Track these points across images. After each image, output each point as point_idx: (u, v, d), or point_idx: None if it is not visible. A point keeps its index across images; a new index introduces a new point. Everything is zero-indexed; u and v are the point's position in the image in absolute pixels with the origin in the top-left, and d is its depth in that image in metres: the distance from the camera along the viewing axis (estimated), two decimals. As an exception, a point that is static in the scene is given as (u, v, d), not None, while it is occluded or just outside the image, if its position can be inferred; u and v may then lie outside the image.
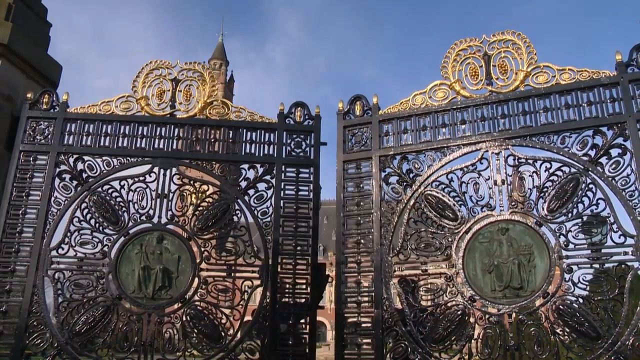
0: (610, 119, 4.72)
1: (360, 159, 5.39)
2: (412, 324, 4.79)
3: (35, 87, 5.58)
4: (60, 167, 4.99)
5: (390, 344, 4.83)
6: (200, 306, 4.81)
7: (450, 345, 4.72)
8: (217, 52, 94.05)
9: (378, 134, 5.41)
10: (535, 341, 4.43)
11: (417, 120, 5.34)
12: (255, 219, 5.05)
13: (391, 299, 4.96)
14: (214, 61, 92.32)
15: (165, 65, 5.25)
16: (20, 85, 5.44)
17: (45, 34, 5.95)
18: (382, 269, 5.01)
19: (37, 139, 5.08)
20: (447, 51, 5.43)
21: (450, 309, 4.77)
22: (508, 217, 4.79)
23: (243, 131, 5.30)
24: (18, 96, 5.33)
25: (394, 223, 5.10)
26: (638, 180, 4.47)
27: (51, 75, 5.84)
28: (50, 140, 5.08)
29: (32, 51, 5.53)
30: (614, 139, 4.68)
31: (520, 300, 4.55)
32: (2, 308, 4.53)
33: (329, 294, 72.77)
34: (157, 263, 4.72)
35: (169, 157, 5.04)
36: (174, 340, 4.70)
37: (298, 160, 5.32)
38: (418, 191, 5.09)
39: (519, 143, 4.94)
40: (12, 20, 5.30)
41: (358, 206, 5.30)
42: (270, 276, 4.93)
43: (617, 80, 4.76)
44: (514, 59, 5.19)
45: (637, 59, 4.78)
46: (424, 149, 5.23)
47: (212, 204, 5.05)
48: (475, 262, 4.77)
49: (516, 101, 5.07)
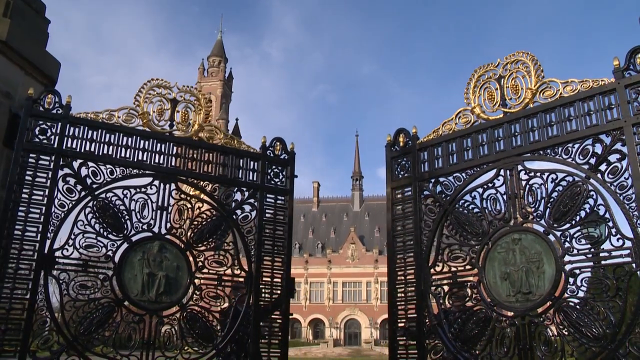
0: (608, 126, 4.77)
1: (404, 185, 6.13)
2: (446, 327, 5.40)
3: (34, 83, 5.55)
4: (64, 169, 5.11)
5: (430, 345, 5.50)
6: (195, 310, 5.43)
7: (475, 346, 5.22)
8: (216, 49, 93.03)
9: (416, 161, 6.06)
10: (543, 342, 4.76)
11: (446, 146, 5.88)
12: (241, 236, 5.72)
13: (430, 306, 5.60)
14: (213, 58, 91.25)
15: (165, 85, 5.72)
16: (18, 81, 5.41)
17: (43, 31, 5.92)
18: (422, 280, 5.67)
19: (40, 138, 5.09)
20: (469, 78, 5.84)
21: (475, 313, 5.28)
22: (520, 228, 5.14)
23: (232, 157, 5.97)
24: (17, 93, 5.31)
25: (431, 239, 5.72)
26: (635, 184, 4.49)
27: (50, 72, 5.81)
28: (53, 142, 5.12)
29: (31, 48, 5.51)
30: (613, 145, 4.72)
31: (530, 304, 4.88)
32: (7, 305, 4.57)
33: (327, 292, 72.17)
34: (159, 270, 5.23)
35: (169, 173, 5.54)
36: (172, 339, 5.27)
37: (277, 188, 6.07)
38: (448, 210, 5.65)
39: (529, 158, 5.23)
40: (11, 17, 5.29)
41: (403, 227, 6.01)
42: (254, 286, 5.60)
43: (614, 86, 4.77)
44: (524, 77, 5.43)
45: (633, 63, 4.71)
46: (451, 171, 5.75)
47: (207, 220, 5.65)
48: (494, 271, 5.20)
49: (526, 118, 5.33)
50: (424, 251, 5.76)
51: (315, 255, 73.63)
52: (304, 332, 70.61)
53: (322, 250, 74.61)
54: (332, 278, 71.86)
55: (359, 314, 69.75)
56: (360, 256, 71.86)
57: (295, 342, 67.70)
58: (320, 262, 72.72)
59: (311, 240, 76.19)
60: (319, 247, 74.45)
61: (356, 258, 71.89)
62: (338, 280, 71.85)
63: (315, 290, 72.41)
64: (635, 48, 4.74)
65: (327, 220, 79.82)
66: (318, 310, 70.84)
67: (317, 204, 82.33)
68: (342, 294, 71.45)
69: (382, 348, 63.23)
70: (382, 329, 69.63)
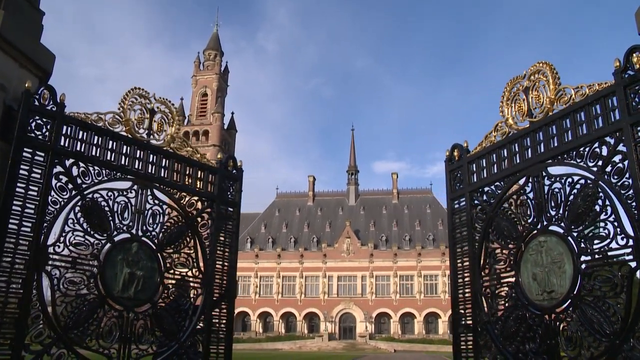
0: (611, 128, 4.89)
1: (459, 196, 6.72)
2: (493, 325, 5.87)
3: (29, 76, 5.50)
4: (57, 167, 5.18)
5: (483, 342, 6.02)
6: (163, 307, 5.84)
7: (515, 342, 5.57)
8: (211, 42, 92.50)
9: (467, 173, 6.61)
10: (566, 337, 5.03)
11: (488, 157, 6.33)
12: (201, 242, 6.26)
13: (482, 306, 6.11)
14: (209, 52, 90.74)
15: (145, 95, 6.08)
16: (13, 74, 5.36)
17: (38, 22, 5.87)
18: (475, 283, 6.21)
19: (36, 134, 5.10)
20: (502, 92, 6.19)
21: (514, 312, 5.66)
22: (545, 231, 5.44)
23: (196, 169, 6.49)
24: (11, 85, 5.26)
25: (480, 245, 6.24)
26: (634, 184, 4.60)
27: (45, 64, 5.75)
28: (48, 138, 5.15)
29: (25, 39, 5.45)
30: (616, 147, 4.84)
31: (554, 302, 5.17)
32: (4, 300, 4.60)
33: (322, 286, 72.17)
34: (137, 269, 5.60)
35: (146, 179, 5.91)
36: (145, 334, 5.63)
37: (229, 201, 6.65)
38: (492, 217, 6.10)
39: (551, 164, 5.51)
40: (4, 8, 5.23)
41: (460, 235, 6.59)
42: (208, 287, 6.22)
43: (615, 88, 4.89)
44: (544, 87, 5.66)
45: (630, 63, 4.77)
46: (493, 180, 6.20)
47: (174, 225, 6.11)
48: (528, 271, 5.54)
49: (546, 126, 5.56)
50: (475, 256, 6.28)
51: (311, 250, 73.79)
52: (299, 326, 70.87)
53: (318, 245, 74.78)
54: (327, 272, 72.06)
55: (354, 308, 70.03)
56: (355, 250, 72.08)
57: (290, 336, 67.98)
58: (315, 256, 72.91)
59: (306, 234, 76.33)
60: (314, 241, 74.61)
61: (351, 252, 72.12)
62: (333, 275, 72.08)
63: (311, 284, 72.63)
64: (632, 48, 4.79)
65: (322, 215, 79.95)
66: (313, 304, 71.07)
67: (313, 198, 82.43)
68: (337, 288, 71.69)
69: (377, 342, 63.59)
70: (377, 323, 69.99)
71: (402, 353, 52.81)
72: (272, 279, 73.11)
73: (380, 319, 70.09)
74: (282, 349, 59.53)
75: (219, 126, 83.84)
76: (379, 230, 75.08)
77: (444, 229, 73.52)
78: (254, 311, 71.93)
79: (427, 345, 60.44)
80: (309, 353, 50.03)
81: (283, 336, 67.82)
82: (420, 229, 73.89)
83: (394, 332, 68.03)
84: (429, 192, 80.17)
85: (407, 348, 59.37)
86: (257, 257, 73.49)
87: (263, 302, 72.25)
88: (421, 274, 69.76)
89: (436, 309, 68.16)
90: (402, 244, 72.21)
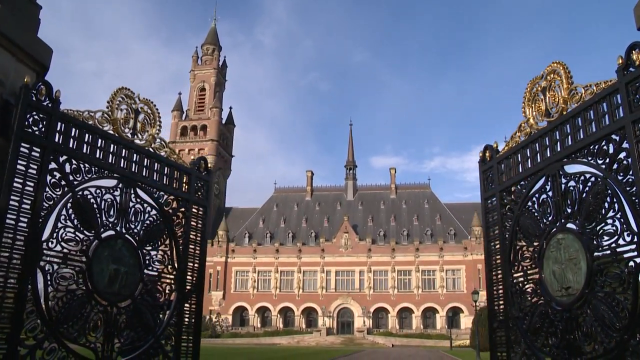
0: (615, 125, 4.94)
1: (491, 196, 6.93)
2: (521, 320, 6.04)
3: (27, 70, 5.47)
4: (51, 163, 5.23)
5: (513, 338, 6.21)
6: (142, 303, 5.96)
7: (540, 336, 5.73)
8: (209, 37, 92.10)
9: (496, 173, 6.82)
10: (582, 333, 5.13)
11: (514, 157, 6.50)
12: (175, 240, 6.52)
13: (512, 302, 6.28)
14: (207, 46, 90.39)
15: (130, 95, 6.18)
16: (10, 68, 5.33)
17: (35, 16, 5.81)
18: (505, 279, 6.40)
19: (33, 129, 5.12)
20: (524, 92, 6.29)
21: (537, 308, 5.81)
22: (563, 228, 5.53)
23: (173, 169, 6.67)
24: (7, 79, 5.24)
25: (510, 243, 6.42)
26: (636, 180, 4.65)
27: (42, 58, 5.69)
28: (45, 134, 5.17)
29: (22, 33, 5.41)
30: (621, 144, 4.90)
31: (571, 298, 5.28)
32: (2, 294, 4.62)
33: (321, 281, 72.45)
34: (121, 265, 5.75)
35: (130, 178, 6.04)
36: (126, 328, 5.76)
37: (199, 201, 6.97)
38: (518, 215, 6.27)
39: (567, 162, 5.60)
40: (0, 1, 5.21)
41: (493, 233, 6.81)
42: (181, 283, 6.53)
43: (618, 85, 4.92)
44: (559, 86, 5.75)
45: (631, 60, 4.79)
46: (518, 180, 6.36)
47: (153, 223, 6.26)
48: (549, 268, 5.66)
49: (561, 125, 5.67)
50: (506, 253, 6.46)
51: (309, 244, 73.88)
52: (297, 321, 71.03)
53: (316, 240, 74.86)
54: (325, 267, 72.18)
55: (351, 302, 70.20)
56: (353, 245, 72.19)
57: (288, 331, 68.11)
58: (313, 251, 73.01)
59: (304, 229, 76.42)
60: (313, 236, 74.70)
61: (349, 247, 72.23)
62: (331, 269, 72.20)
63: (309, 279, 72.76)
64: (632, 45, 4.80)
65: (320, 210, 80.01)
66: (311, 299, 71.21)
67: (311, 193, 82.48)
68: (335, 283, 71.84)
69: (375, 337, 63.78)
70: (375, 318, 70.17)
71: (399, 348, 52.94)
72: (270, 273, 73.19)
73: (378, 314, 70.28)
74: (280, 343, 59.64)
75: (217, 121, 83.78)
76: (377, 225, 75.17)
77: (442, 224, 73.73)
78: (252, 306, 72.07)
79: (424, 340, 60.66)
80: (307, 348, 50.12)
81: (281, 331, 67.96)
82: (418, 224, 74.00)
83: (391, 327, 68.25)
84: (427, 187, 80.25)
85: (405, 343, 59.55)
86: (255, 252, 73.54)
87: (261, 296, 72.36)
88: (419, 269, 69.91)
89: (434, 304, 68.35)
90: (400, 239, 72.33)
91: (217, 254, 73.36)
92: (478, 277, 66.75)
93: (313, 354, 32.62)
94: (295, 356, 29.29)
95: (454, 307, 67.49)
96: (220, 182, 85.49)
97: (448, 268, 69.72)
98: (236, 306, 72.57)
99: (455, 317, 67.44)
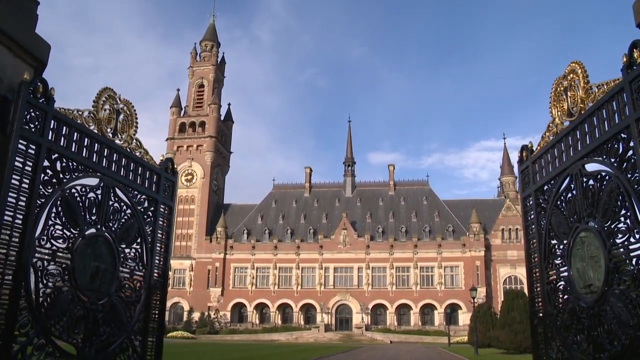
0: (623, 124, 4.97)
1: (528, 195, 7.09)
2: (555, 317, 6.20)
3: (25, 66, 5.46)
4: (45, 161, 5.29)
5: (549, 333, 6.40)
6: (116, 299, 6.14)
7: (570, 333, 5.84)
8: (208, 33, 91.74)
9: (532, 173, 6.99)
10: (603, 329, 5.22)
11: (545, 157, 6.64)
12: (145, 238, 6.75)
13: (548, 299, 6.44)
14: (206, 42, 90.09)
15: (113, 96, 6.36)
16: (7, 64, 5.16)
17: (32, 12, 5.78)
18: (542, 277, 6.56)
19: (29, 126, 5.13)
20: (550, 92, 6.41)
21: (567, 305, 5.94)
22: (585, 227, 5.59)
23: (145, 169, 6.92)
24: (5, 75, 5.23)
25: (545, 242, 6.54)
26: None
27: (40, 54, 5.66)
28: (41, 132, 5.20)
29: (20, 29, 5.39)
30: (629, 142, 4.93)
31: (592, 296, 5.37)
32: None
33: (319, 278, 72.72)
34: (101, 262, 5.90)
35: (110, 177, 6.20)
36: (103, 324, 5.88)
37: (166, 200, 7.31)
38: (549, 214, 6.40)
39: (586, 161, 5.66)
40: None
41: (530, 232, 6.97)
42: (149, 281, 6.77)
43: (623, 84, 4.94)
44: (577, 86, 5.83)
45: (633, 57, 4.80)
46: (549, 179, 6.48)
47: (128, 222, 6.49)
48: (576, 266, 5.76)
49: (580, 125, 5.73)
50: (542, 252, 6.60)
51: (307, 241, 73.90)
52: (295, 317, 71.11)
53: (314, 236, 74.87)
54: (323, 263, 72.21)
55: (350, 299, 70.27)
56: (351, 242, 72.23)
57: (286, 327, 68.20)
58: (312, 247, 73.03)
59: (303, 225, 76.44)
60: (311, 233, 74.72)
61: (348, 244, 72.26)
62: (329, 266, 72.25)
63: (307, 276, 72.79)
64: (633, 43, 4.81)
65: (319, 206, 80.00)
66: (309, 296, 71.26)
67: (309, 190, 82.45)
68: (334, 280, 71.88)
69: (373, 333, 63.88)
70: (373, 314, 70.27)
71: (398, 344, 53.05)
72: (269, 270, 73.23)
73: (376, 311, 70.37)
74: (279, 340, 59.74)
75: (215, 117, 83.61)
76: (375, 222, 75.20)
77: (440, 220, 73.81)
78: (251, 302, 72.13)
79: (423, 337, 60.81)
80: (305, 344, 50.20)
81: (279, 327, 68.04)
82: (416, 221, 74.06)
83: (390, 323, 68.36)
84: (425, 184, 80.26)
85: (403, 339, 59.70)
86: (254, 248, 73.55)
87: (260, 293, 72.41)
88: (417, 265, 69.98)
89: (432, 300, 68.45)
90: (399, 236, 72.39)
91: (216, 250, 73.55)
92: (476, 274, 66.97)
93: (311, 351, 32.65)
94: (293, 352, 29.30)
95: (452, 303, 67.59)
96: (219, 178, 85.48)
97: (446, 265, 69.78)
98: (235, 302, 72.61)
99: (454, 313, 67.53)
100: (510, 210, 71.45)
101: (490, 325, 34.82)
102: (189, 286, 75.84)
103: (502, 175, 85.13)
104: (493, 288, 68.18)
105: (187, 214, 79.09)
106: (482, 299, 60.95)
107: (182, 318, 73.07)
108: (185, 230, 78.47)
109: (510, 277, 68.82)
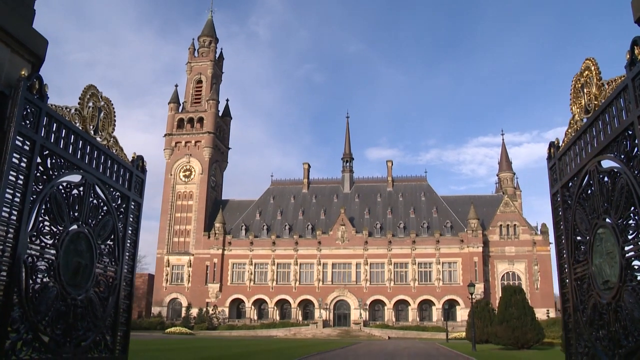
0: (627, 121, 4.95)
1: (557, 192, 7.10)
2: (581, 312, 6.26)
3: (21, 62, 5.41)
4: (38, 158, 5.30)
5: (576, 330, 6.49)
6: (92, 295, 6.26)
7: (593, 327, 5.91)
8: (206, 29, 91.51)
9: (558, 170, 7.04)
10: (620, 325, 5.25)
11: (568, 154, 6.68)
12: (117, 234, 6.88)
13: (575, 295, 6.51)
14: (204, 38, 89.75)
15: (96, 94, 6.46)
16: (4, 58, 5.26)
17: (30, 7, 5.75)
18: (570, 273, 6.58)
19: (25, 123, 5.08)
20: (570, 90, 6.42)
21: (590, 300, 5.99)
22: (602, 223, 5.61)
23: (120, 166, 7.04)
24: (2, 70, 5.18)
25: (571, 238, 6.57)
26: None
27: (37, 50, 5.64)
28: (36, 128, 5.21)
29: (17, 24, 5.33)
30: (634, 139, 4.91)
31: (610, 292, 5.40)
32: None
33: (317, 273, 72.57)
34: (82, 258, 6.02)
35: (91, 174, 6.28)
36: (81, 319, 5.99)
37: (136, 197, 7.44)
38: (573, 210, 6.42)
39: (601, 158, 5.67)
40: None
41: (560, 228, 7.00)
42: (120, 276, 6.95)
43: (627, 81, 4.92)
44: (591, 83, 5.86)
45: (635, 55, 4.78)
46: (572, 176, 6.49)
47: (104, 218, 6.60)
48: (596, 261, 5.80)
49: (595, 121, 5.74)
50: (569, 248, 6.61)
51: (305, 237, 73.90)
52: (294, 313, 71.18)
53: (312, 232, 74.85)
54: (321, 259, 72.25)
55: (348, 295, 70.33)
56: (350, 238, 72.24)
57: (284, 323, 68.25)
58: (310, 243, 73.04)
59: (301, 221, 76.42)
60: (309, 229, 74.69)
61: (346, 240, 72.27)
62: (328, 262, 72.28)
63: (305, 272, 72.82)
64: (635, 40, 4.79)
65: (317, 202, 79.96)
66: (307, 292, 71.31)
67: (307, 186, 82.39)
68: (332, 275, 71.93)
69: (371, 329, 63.95)
70: (371, 310, 70.36)
71: (396, 340, 53.13)
72: (267, 266, 73.23)
73: (374, 306, 70.47)
74: (277, 335, 59.79)
75: (213, 113, 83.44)
76: (373, 218, 75.21)
77: (438, 216, 73.86)
78: (249, 298, 72.16)
79: (420, 332, 60.92)
80: (303, 340, 50.24)
81: (277, 323, 68.10)
82: (414, 217, 74.10)
83: (388, 319, 68.47)
84: (423, 180, 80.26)
85: (401, 335, 59.79)
86: (252, 244, 73.55)
87: (258, 289, 72.45)
88: (415, 261, 70.07)
89: (430, 296, 68.57)
90: (397, 232, 72.41)
91: (214, 246, 73.51)
92: (474, 270, 67.06)
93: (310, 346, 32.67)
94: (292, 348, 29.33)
95: (450, 299, 67.69)
96: (217, 174, 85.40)
97: (444, 260, 69.87)
98: (233, 298, 72.64)
99: (452, 309, 67.66)
100: (508, 206, 71.49)
101: (488, 321, 34.93)
102: (187, 282, 75.86)
103: (500, 171, 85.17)
104: (491, 284, 68.31)
105: (185, 210, 79.08)
106: (480, 295, 61.09)
107: (181, 314, 73.18)
108: (183, 226, 78.46)
109: (507, 273, 68.96)
